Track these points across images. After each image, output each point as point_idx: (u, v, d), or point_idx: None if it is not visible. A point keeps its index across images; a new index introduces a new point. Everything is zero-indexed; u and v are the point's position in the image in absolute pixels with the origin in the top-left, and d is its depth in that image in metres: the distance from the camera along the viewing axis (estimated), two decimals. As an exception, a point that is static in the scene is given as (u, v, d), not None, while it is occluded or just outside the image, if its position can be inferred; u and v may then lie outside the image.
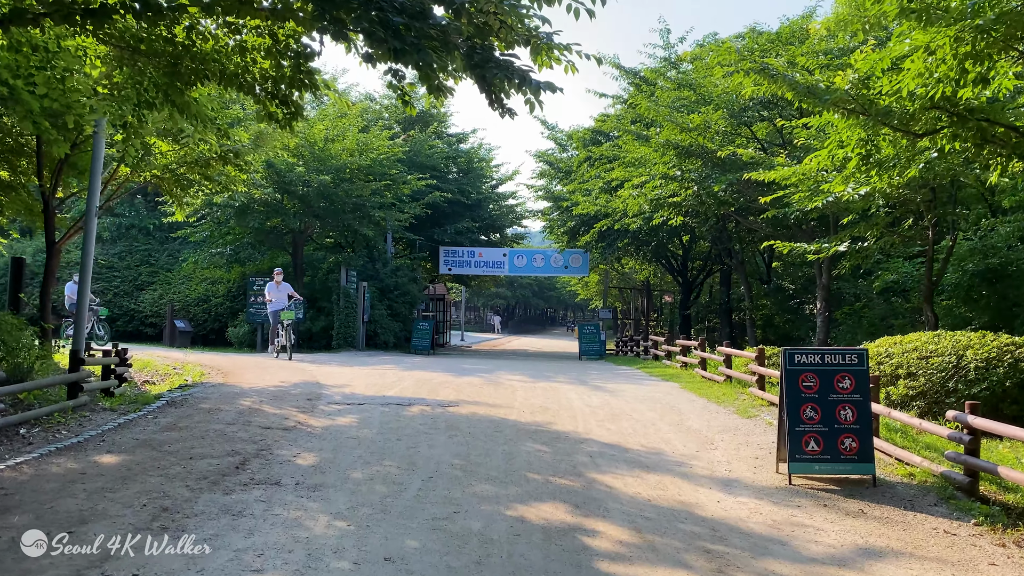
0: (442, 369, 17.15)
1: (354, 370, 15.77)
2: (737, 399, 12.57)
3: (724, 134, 17.34)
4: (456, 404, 11.13)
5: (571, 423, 10.12)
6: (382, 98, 36.07)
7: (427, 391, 12.44)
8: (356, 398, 11.30)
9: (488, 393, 12.49)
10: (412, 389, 12.64)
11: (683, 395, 13.30)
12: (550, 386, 13.94)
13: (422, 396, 11.82)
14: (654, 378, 16.41)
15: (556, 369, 19.25)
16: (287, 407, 10.24)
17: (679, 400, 12.62)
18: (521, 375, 16.27)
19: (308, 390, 11.88)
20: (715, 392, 13.42)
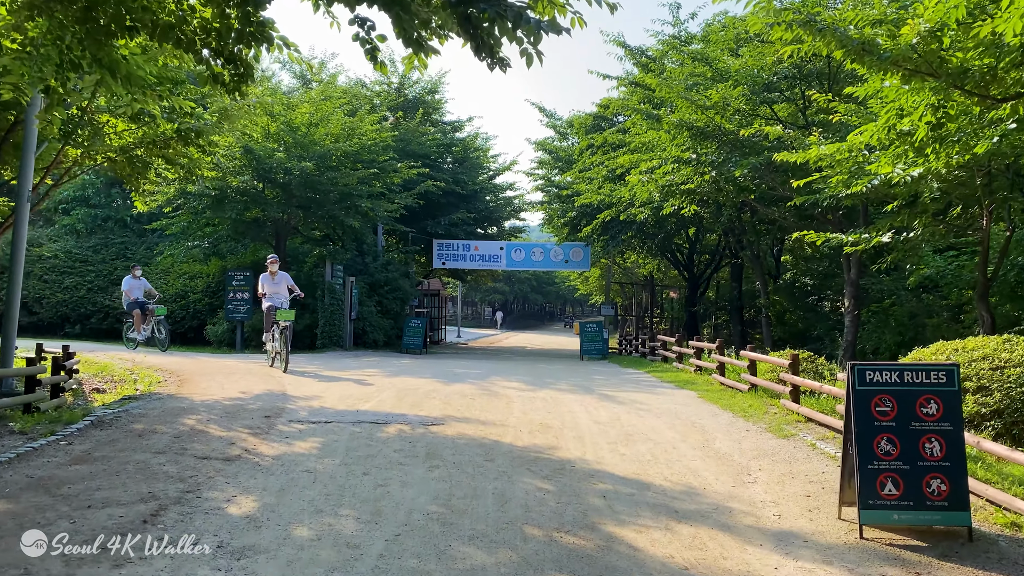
0: (432, 374, 15.50)
1: (332, 376, 14.11)
2: (766, 412, 10.92)
3: (743, 114, 15.66)
4: (442, 422, 9.47)
5: (577, 446, 8.47)
6: (373, 83, 34.38)
7: (410, 404, 10.78)
8: (324, 414, 9.64)
9: (480, 406, 10.84)
10: (393, 401, 10.98)
11: (703, 407, 11.65)
12: (551, 396, 12.28)
13: (403, 411, 10.16)
14: (667, 385, 14.76)
15: (557, 373, 17.60)
16: (238, 427, 8.58)
17: (700, 414, 10.97)
18: (518, 381, 14.62)
19: (270, 404, 10.21)
20: (739, 403, 11.78)
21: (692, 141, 15.42)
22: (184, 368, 14.18)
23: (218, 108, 13.40)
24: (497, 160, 36.58)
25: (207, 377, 12.83)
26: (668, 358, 20.28)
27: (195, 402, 10.09)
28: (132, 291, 19.47)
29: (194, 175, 14.70)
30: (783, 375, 10.94)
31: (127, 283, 19.58)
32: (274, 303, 14.97)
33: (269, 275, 15.34)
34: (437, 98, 35.16)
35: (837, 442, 8.94)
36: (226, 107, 13.31)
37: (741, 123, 15.63)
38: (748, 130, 13.09)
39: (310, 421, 9.10)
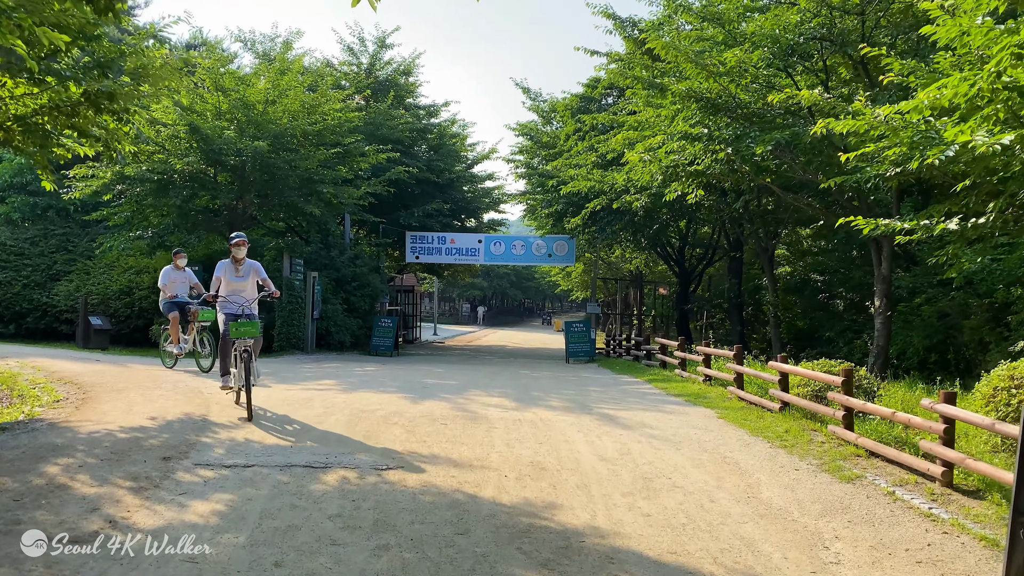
0: (398, 385, 13.22)
1: (277, 390, 11.79)
2: (810, 442, 8.76)
3: (761, 84, 13.51)
4: (402, 464, 7.19)
5: (584, 502, 6.23)
6: (341, 64, 31.95)
7: (364, 432, 8.50)
8: (248, 452, 7.33)
9: (453, 436, 8.58)
10: (343, 428, 8.69)
11: (728, 432, 9.46)
12: (541, 418, 10.04)
13: (352, 445, 7.88)
14: (676, 400, 12.56)
15: (544, 382, 15.38)
16: (118, 477, 6.26)
17: (728, 442, 8.78)
18: (500, 396, 12.37)
19: (180, 436, 7.87)
20: (771, 428, 9.61)
21: (702, 114, 13.24)
22: (99, 380, 11.77)
23: (134, 66, 10.99)
24: (475, 149, 34.31)
25: (118, 394, 10.44)
26: (668, 364, 18.10)
27: (80, 435, 7.72)
28: (174, 286, 13.83)
29: (113, 150, 12.28)
30: (836, 396, 8.75)
31: (166, 275, 13.86)
32: (231, 310, 9.91)
33: (232, 264, 10.23)
34: (411, 81, 32.75)
35: (926, 491, 6.79)
36: (143, 64, 10.91)
37: (759, 93, 13.47)
38: (778, 95, 10.89)
39: (224, 465, 6.79)
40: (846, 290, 20.12)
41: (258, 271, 10.54)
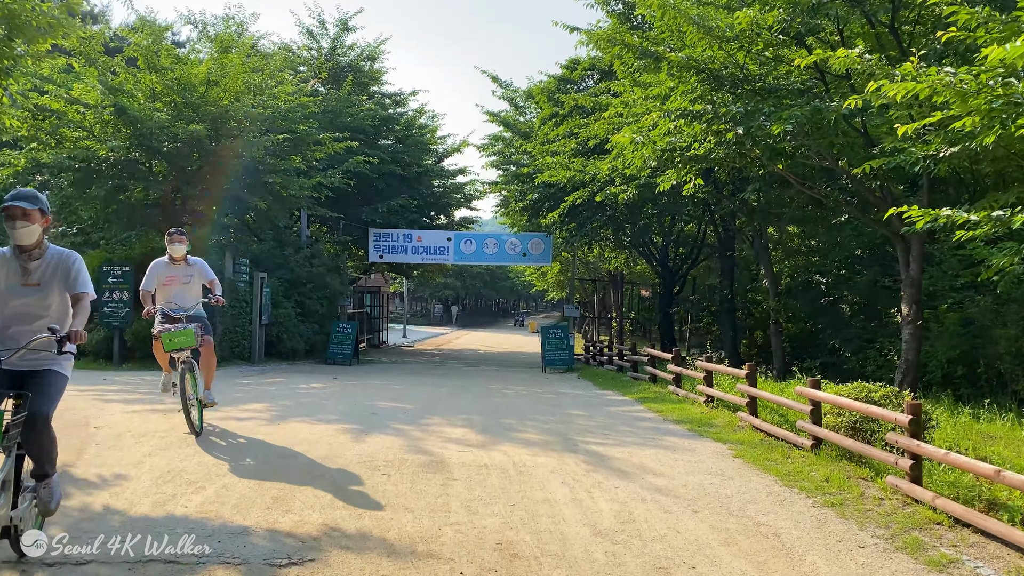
0: (342, 411, 11.05)
1: (179, 419, 9.56)
2: (863, 496, 6.74)
3: (771, 55, 11.50)
4: (312, 554, 5.04)
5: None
6: (301, 49, 29.62)
7: (273, 496, 6.30)
8: (98, 529, 5.13)
9: (396, 495, 6.44)
10: (248, 485, 6.50)
11: (754, 481, 7.40)
12: (515, 462, 7.91)
13: (251, 516, 5.71)
14: (676, 428, 10.50)
15: (519, 402, 13.28)
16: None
17: (758, 499, 6.72)
18: (464, 425, 10.24)
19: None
20: (805, 473, 7.58)
21: (704, 88, 11.21)
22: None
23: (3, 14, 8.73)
24: (446, 142, 32.13)
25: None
26: (658, 377, 16.06)
27: None
28: (168, 290, 8.41)
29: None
30: (897, 438, 6.71)
31: (156, 273, 8.32)
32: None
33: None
34: (376, 67, 30.46)
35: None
36: (15, 13, 8.66)
37: (770, 65, 11.48)
38: (806, 57, 8.87)
39: (48, 561, 4.60)
40: (852, 294, 18.23)
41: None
